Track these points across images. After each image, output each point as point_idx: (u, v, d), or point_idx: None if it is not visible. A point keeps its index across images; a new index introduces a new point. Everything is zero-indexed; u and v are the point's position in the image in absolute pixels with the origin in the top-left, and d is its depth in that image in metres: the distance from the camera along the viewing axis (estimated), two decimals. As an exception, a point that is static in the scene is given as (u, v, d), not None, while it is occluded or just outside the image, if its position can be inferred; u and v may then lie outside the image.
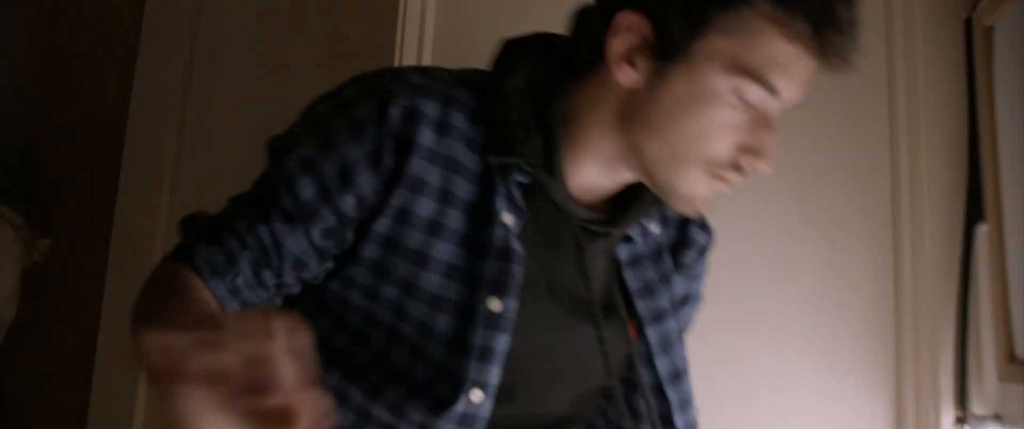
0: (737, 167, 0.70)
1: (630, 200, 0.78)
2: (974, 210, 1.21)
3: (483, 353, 0.70)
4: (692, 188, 0.70)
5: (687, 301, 0.89)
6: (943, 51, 1.26)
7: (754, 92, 0.67)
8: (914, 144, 1.24)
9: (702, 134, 0.68)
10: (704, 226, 0.88)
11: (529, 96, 0.73)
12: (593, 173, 0.76)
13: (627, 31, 0.69)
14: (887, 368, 1.19)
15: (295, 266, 0.71)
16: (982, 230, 1.19)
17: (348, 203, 0.69)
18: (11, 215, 1.23)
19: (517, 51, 0.76)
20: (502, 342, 0.70)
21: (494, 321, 0.70)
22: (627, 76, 0.70)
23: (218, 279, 0.67)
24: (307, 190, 0.69)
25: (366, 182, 0.68)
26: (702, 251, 0.88)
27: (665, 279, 0.83)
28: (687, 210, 0.73)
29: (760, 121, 0.69)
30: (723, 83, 0.67)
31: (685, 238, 0.87)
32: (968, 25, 1.24)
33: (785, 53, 0.67)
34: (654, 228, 0.84)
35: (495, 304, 0.70)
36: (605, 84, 0.72)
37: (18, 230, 1.24)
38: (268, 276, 0.70)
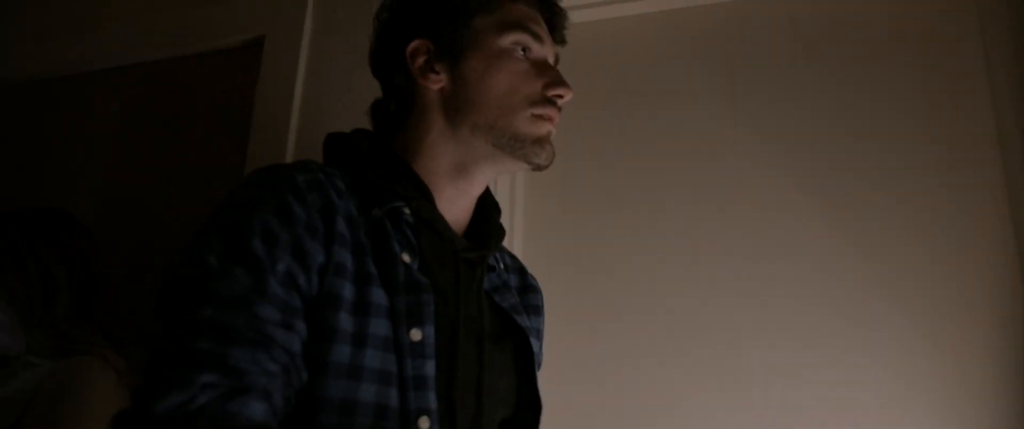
0: (549, 100, 0.89)
1: (484, 228, 0.94)
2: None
3: (417, 382, 0.76)
4: (531, 129, 0.88)
5: (540, 334, 1.01)
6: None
7: (526, 41, 0.90)
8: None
9: (510, 83, 0.88)
10: (534, 279, 1.05)
11: (379, 154, 0.88)
12: (451, 194, 0.90)
13: (417, 53, 0.91)
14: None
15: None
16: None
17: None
18: (115, 359, 1.24)
19: (339, 137, 0.93)
20: (430, 367, 0.77)
21: (418, 349, 0.77)
22: (436, 81, 0.90)
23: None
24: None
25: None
26: (541, 297, 1.03)
27: (521, 310, 0.96)
28: (545, 157, 0.89)
29: (543, 64, 0.91)
30: (503, 41, 0.89)
31: (527, 284, 1.02)
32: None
33: (522, 9, 0.92)
34: (503, 268, 0.98)
35: (416, 334, 0.77)
36: (423, 109, 0.91)
37: (121, 375, 1.24)
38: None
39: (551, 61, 0.94)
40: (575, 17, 1.32)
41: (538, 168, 0.90)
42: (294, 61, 1.47)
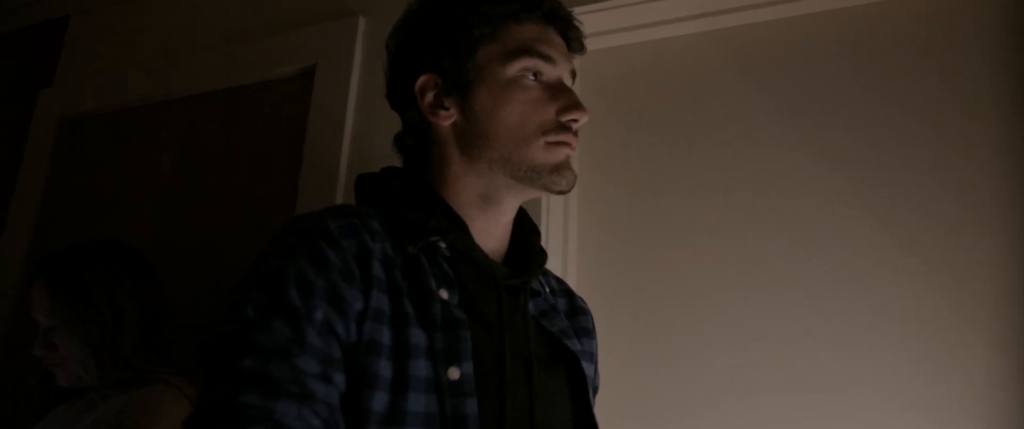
0: (564, 127, 0.86)
1: (524, 253, 0.93)
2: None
3: (456, 421, 0.74)
4: (547, 158, 0.85)
5: (593, 358, 0.98)
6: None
7: (534, 65, 0.86)
8: None
9: (521, 113, 0.85)
10: (582, 301, 1.03)
11: (410, 190, 0.87)
12: (483, 223, 0.88)
13: (425, 89, 0.88)
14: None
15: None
16: None
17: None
18: (186, 387, 1.28)
19: (369, 178, 0.93)
20: (471, 406, 0.75)
21: (457, 388, 0.75)
22: (446, 118, 0.88)
23: None
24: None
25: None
26: (591, 319, 1.01)
27: (571, 333, 0.94)
28: (565, 184, 0.86)
29: (557, 87, 0.88)
30: (509, 71, 0.86)
31: (575, 307, 1.00)
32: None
33: (528, 30, 0.88)
34: (549, 292, 0.97)
35: (454, 372, 0.76)
36: (440, 144, 0.89)
37: (193, 402, 1.22)
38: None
39: (566, 79, 0.90)
40: (616, 41, 1.33)
41: (560, 193, 0.88)
42: (345, 89, 1.50)
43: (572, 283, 1.28)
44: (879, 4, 1.22)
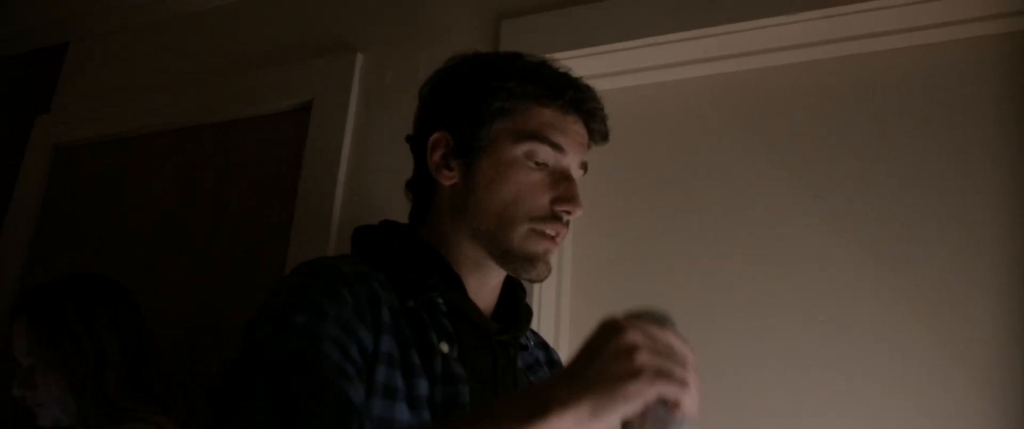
0: (556, 217, 0.86)
1: (511, 308, 0.94)
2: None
3: None
4: (527, 246, 0.85)
5: None
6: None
7: (543, 152, 0.86)
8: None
9: (516, 194, 0.85)
10: (556, 352, 1.06)
11: (408, 249, 0.88)
12: (475, 284, 0.89)
13: (436, 146, 0.90)
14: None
15: None
16: None
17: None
18: (168, 425, 1.25)
19: (367, 231, 0.93)
20: None
21: None
22: (448, 177, 0.89)
23: None
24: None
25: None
26: None
27: None
28: (536, 275, 0.86)
29: (560, 176, 0.87)
30: (516, 151, 0.86)
31: (552, 359, 1.02)
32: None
33: (548, 115, 0.87)
34: (532, 345, 0.99)
35: None
36: (438, 202, 0.90)
37: None
38: None
39: (575, 170, 0.90)
40: (609, 84, 1.31)
41: (530, 281, 0.88)
42: (342, 125, 1.49)
43: (564, 329, 1.26)
44: (881, 54, 1.21)
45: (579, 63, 1.17)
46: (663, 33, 1.26)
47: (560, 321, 1.25)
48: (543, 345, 1.05)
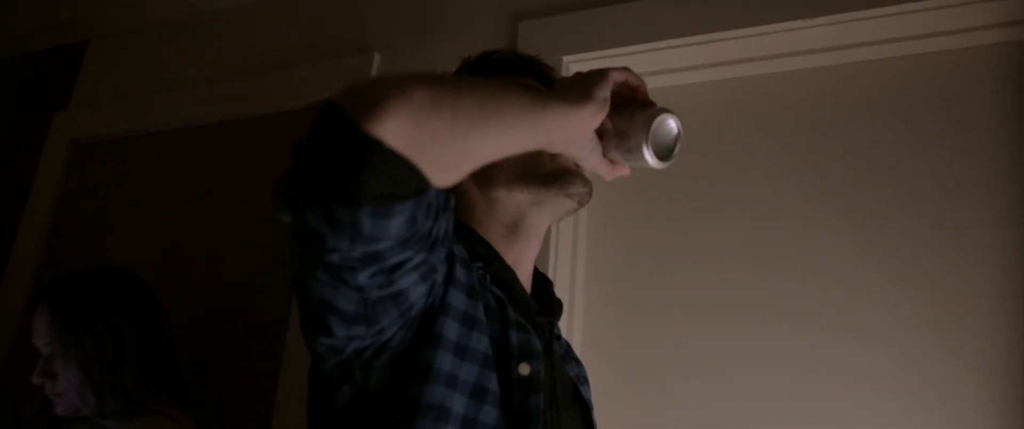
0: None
1: (544, 296, 0.95)
2: None
3: (523, 417, 0.74)
4: (554, 164, 0.88)
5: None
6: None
7: None
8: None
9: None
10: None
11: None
12: (513, 258, 0.89)
13: None
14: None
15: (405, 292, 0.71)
16: None
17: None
18: (183, 418, 1.27)
19: None
20: (536, 401, 0.75)
21: (524, 383, 0.75)
22: None
23: None
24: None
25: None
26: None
27: (584, 380, 0.96)
28: (578, 184, 0.89)
29: None
30: None
31: (575, 356, 1.00)
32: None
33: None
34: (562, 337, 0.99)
35: (524, 368, 0.76)
36: (463, 190, 0.90)
37: None
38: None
39: None
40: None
41: (579, 199, 0.90)
42: (356, 124, 1.49)
43: (577, 325, 1.27)
44: (894, 60, 1.22)
45: (596, 65, 1.16)
46: (679, 36, 1.27)
47: (573, 317, 1.25)
48: (567, 342, 1.04)
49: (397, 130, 0.59)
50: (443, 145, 0.62)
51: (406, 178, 0.61)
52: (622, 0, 1.33)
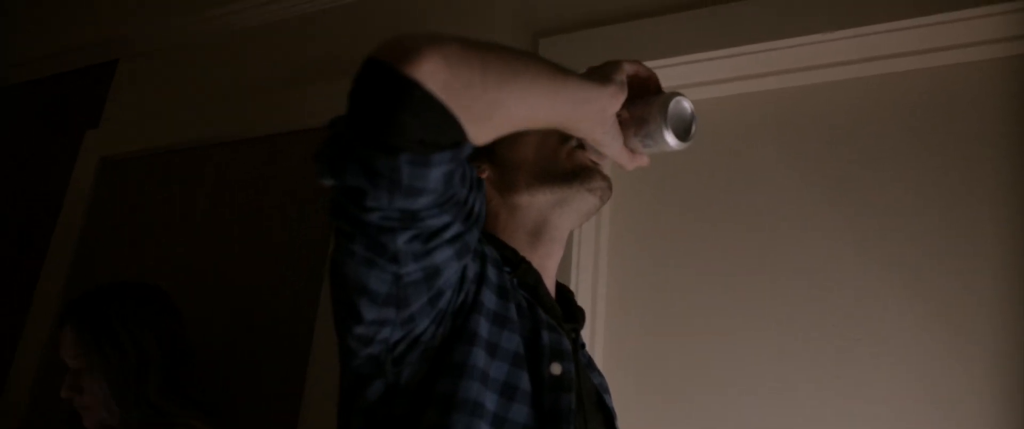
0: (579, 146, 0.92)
1: (567, 305, 0.95)
2: None
3: (554, 415, 0.74)
4: (574, 160, 0.90)
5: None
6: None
7: None
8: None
9: (538, 136, 0.91)
10: None
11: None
12: (538, 264, 0.89)
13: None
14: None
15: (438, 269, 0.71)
16: None
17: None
18: None
19: None
20: (568, 401, 0.75)
21: (556, 382, 0.76)
22: (481, 171, 0.92)
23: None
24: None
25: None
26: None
27: (607, 390, 0.96)
28: (597, 179, 0.90)
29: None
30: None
31: (594, 366, 1.00)
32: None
33: None
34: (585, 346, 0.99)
35: (556, 368, 0.77)
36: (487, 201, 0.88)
37: None
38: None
39: None
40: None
41: (600, 194, 0.91)
42: (380, 140, 1.51)
43: (599, 338, 1.26)
44: (908, 74, 1.21)
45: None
46: (697, 52, 1.27)
47: (595, 331, 1.25)
48: (588, 355, 1.04)
49: (433, 72, 0.61)
50: (474, 95, 0.64)
51: (442, 124, 0.62)
52: (640, 16, 1.34)
